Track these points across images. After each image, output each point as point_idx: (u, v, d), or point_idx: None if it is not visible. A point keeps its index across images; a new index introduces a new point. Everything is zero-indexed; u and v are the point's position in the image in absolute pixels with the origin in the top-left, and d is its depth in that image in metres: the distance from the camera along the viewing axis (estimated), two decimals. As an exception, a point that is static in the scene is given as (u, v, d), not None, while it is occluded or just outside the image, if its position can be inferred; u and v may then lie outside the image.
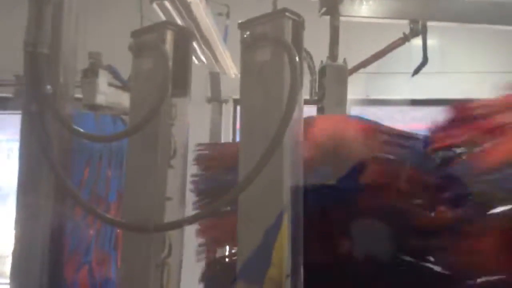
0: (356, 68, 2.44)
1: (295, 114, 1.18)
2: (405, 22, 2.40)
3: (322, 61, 1.95)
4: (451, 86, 4.30)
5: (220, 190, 1.38)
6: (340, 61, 1.92)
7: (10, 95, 3.56)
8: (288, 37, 1.21)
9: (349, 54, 2.18)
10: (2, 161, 6.00)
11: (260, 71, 1.23)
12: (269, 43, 1.21)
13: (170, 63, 1.27)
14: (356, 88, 3.80)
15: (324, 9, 1.96)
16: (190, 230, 1.38)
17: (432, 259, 1.44)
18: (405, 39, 2.35)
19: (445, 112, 1.43)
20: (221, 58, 2.90)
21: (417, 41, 2.55)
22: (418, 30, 2.30)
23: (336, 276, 1.41)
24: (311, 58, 2.26)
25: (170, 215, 1.33)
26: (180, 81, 1.36)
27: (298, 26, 1.24)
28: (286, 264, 1.15)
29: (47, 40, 1.33)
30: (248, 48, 1.25)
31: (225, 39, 3.14)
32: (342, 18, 2.04)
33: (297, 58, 1.16)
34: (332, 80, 1.86)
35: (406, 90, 4.15)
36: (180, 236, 1.37)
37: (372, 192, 1.41)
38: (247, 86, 1.26)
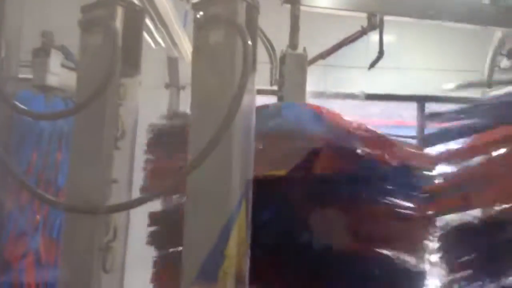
0: (314, 59, 2.45)
1: (247, 99, 1.17)
2: (364, 15, 2.42)
3: (282, 50, 1.94)
4: (406, 82, 4.40)
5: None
6: (300, 50, 1.92)
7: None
8: (242, 19, 1.19)
9: (310, 45, 2.18)
10: None
11: (213, 53, 1.21)
12: (222, 25, 1.19)
13: (120, 40, 1.23)
14: (313, 81, 3.83)
15: None
16: (136, 214, 1.34)
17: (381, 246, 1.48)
18: (362, 32, 2.38)
19: None
20: (180, 43, 2.85)
21: (375, 36, 2.58)
22: (375, 23, 2.33)
23: (289, 265, 1.42)
24: (271, 46, 2.25)
25: (116, 198, 1.29)
26: (130, 59, 1.31)
27: (252, 9, 1.23)
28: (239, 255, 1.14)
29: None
30: (201, 29, 1.22)
31: (184, 24, 3.08)
32: (302, 8, 2.04)
33: (249, 42, 1.14)
34: (292, 68, 1.86)
35: (363, 84, 4.21)
36: (126, 220, 1.33)
37: (323, 181, 1.43)
38: (199, 68, 1.23)
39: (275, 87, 2.28)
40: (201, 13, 1.23)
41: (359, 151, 1.45)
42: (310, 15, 2.35)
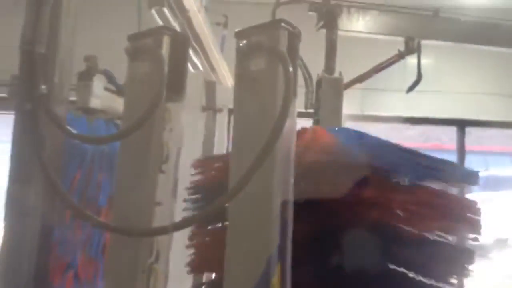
0: (351, 83, 2.46)
1: (288, 125, 1.18)
2: (401, 39, 2.43)
3: (318, 74, 1.97)
4: (444, 105, 4.34)
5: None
6: (336, 74, 1.94)
7: (5, 95, 3.56)
8: (283, 47, 1.22)
9: (345, 69, 2.20)
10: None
11: (254, 80, 1.24)
12: (264, 53, 1.22)
13: (166, 68, 1.28)
14: (350, 104, 3.83)
15: (321, 23, 1.99)
16: (179, 237, 1.37)
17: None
18: (400, 56, 2.38)
19: None
20: (217, 67, 2.92)
21: (412, 59, 2.58)
22: (413, 47, 2.33)
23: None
24: (307, 70, 2.29)
25: (159, 221, 1.33)
26: (175, 86, 1.36)
27: (294, 37, 1.26)
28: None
29: (44, 39, 1.33)
30: (243, 57, 1.26)
31: (222, 48, 3.16)
32: (339, 32, 2.07)
33: (291, 69, 1.16)
34: (328, 92, 1.88)
35: (400, 107, 4.18)
36: (168, 242, 1.36)
37: (368, 207, 1.42)
38: (241, 95, 1.27)
39: (310, 110, 2.31)
40: (244, 41, 1.26)
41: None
42: (347, 39, 2.38)
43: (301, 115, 2.24)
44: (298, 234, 1.22)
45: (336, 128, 1.74)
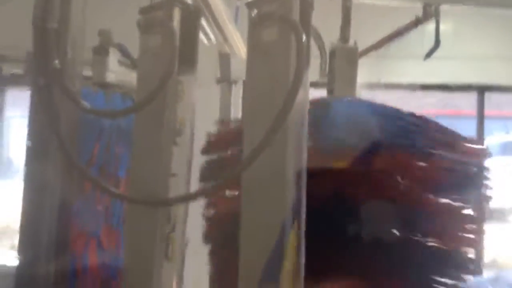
0: (367, 51, 2.42)
1: (301, 95, 1.18)
2: (418, 5, 2.36)
3: (332, 43, 1.93)
4: (463, 71, 4.25)
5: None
6: (351, 43, 1.90)
7: (21, 71, 3.59)
8: (296, 16, 1.20)
9: (360, 37, 2.16)
10: (15, 136, 6.09)
11: (267, 51, 1.23)
12: (276, 22, 1.21)
13: (177, 40, 1.28)
14: (367, 71, 3.77)
15: None
16: (194, 207, 1.40)
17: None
18: (417, 22, 2.32)
19: None
20: (231, 39, 2.89)
21: (430, 25, 2.51)
22: (431, 13, 2.27)
23: (341, 257, 1.43)
24: (321, 39, 2.24)
25: (175, 191, 1.35)
26: (187, 58, 1.36)
27: (307, 6, 1.24)
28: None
29: (55, 15, 1.34)
30: (255, 27, 1.24)
31: (236, 20, 3.12)
32: (356, 0, 2.02)
33: (304, 38, 1.15)
34: (343, 62, 1.84)
35: (418, 74, 4.11)
36: (184, 212, 1.39)
37: (381, 177, 1.43)
38: (253, 66, 1.26)
39: (324, 79, 2.28)
40: (255, 11, 1.25)
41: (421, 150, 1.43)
42: (363, 6, 2.32)
43: (315, 85, 2.23)
44: (314, 202, 1.24)
45: (349, 99, 1.72)
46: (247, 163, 1.16)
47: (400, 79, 4.41)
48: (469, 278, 1.49)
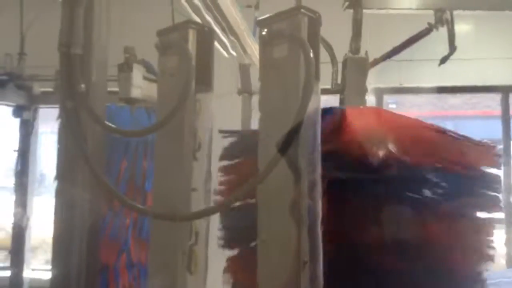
0: (380, 59, 2.44)
1: (312, 106, 1.22)
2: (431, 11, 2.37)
3: (345, 54, 1.99)
4: (486, 72, 4.20)
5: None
6: (362, 53, 1.96)
7: (50, 89, 3.74)
8: (304, 33, 1.25)
9: (372, 45, 2.19)
10: (47, 151, 6.30)
11: (278, 67, 1.28)
12: (286, 40, 1.26)
13: (193, 61, 1.34)
14: (388, 76, 3.77)
15: (347, 3, 2.01)
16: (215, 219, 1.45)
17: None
18: (430, 28, 2.33)
19: None
20: (250, 50, 2.95)
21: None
22: (443, 19, 2.27)
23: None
24: (332, 50, 2.29)
25: (196, 205, 1.41)
26: (203, 77, 1.42)
27: (314, 22, 1.28)
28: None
29: (79, 40, 1.40)
30: (266, 45, 1.30)
31: (254, 31, 3.18)
32: (365, 10, 2.06)
33: (311, 54, 1.20)
34: (353, 72, 1.90)
35: (440, 76, 4.07)
36: (206, 225, 1.44)
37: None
38: (266, 82, 1.31)
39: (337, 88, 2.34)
40: (266, 29, 1.30)
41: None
42: (375, 15, 2.35)
43: (328, 92, 2.27)
44: None
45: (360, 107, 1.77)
46: (263, 175, 1.21)
47: (422, 82, 4.39)
48: None
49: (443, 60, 2.44)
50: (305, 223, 1.23)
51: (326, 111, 1.42)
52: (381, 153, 1.40)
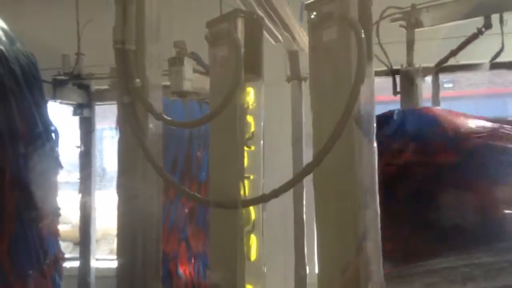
0: (431, 69, 2.58)
1: (365, 86, 1.19)
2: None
3: (402, 65, 2.24)
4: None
5: None
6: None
7: (107, 87, 3.87)
8: (355, 13, 1.23)
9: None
10: (107, 147, 6.54)
11: (328, 50, 1.26)
12: (336, 22, 1.24)
13: (242, 50, 1.34)
14: (443, 55, 3.65)
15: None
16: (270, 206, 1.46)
17: None
18: (478, 33, 2.38)
19: None
20: (298, 37, 2.92)
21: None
22: (491, 23, 2.35)
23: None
24: (389, 61, 2.57)
25: (250, 193, 1.42)
26: (253, 66, 1.43)
27: (365, 2, 1.25)
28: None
29: (133, 36, 1.44)
30: (315, 29, 1.28)
31: (301, 16, 3.15)
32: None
33: (363, 34, 1.17)
34: (407, 83, 2.35)
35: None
36: (261, 211, 1.46)
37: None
38: (317, 65, 1.30)
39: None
40: (314, 13, 1.29)
41: None
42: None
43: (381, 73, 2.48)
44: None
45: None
46: (317, 160, 1.20)
47: (478, 59, 4.21)
48: None
49: (493, 58, 2.48)
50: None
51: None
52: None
